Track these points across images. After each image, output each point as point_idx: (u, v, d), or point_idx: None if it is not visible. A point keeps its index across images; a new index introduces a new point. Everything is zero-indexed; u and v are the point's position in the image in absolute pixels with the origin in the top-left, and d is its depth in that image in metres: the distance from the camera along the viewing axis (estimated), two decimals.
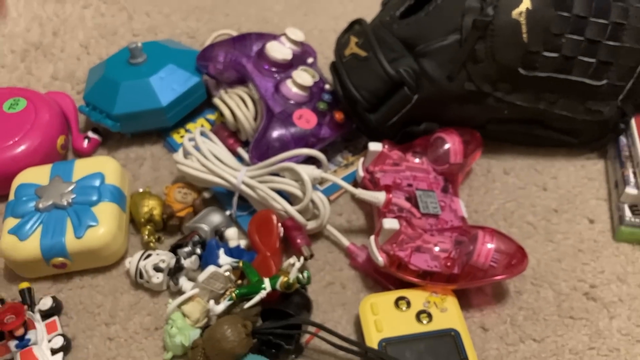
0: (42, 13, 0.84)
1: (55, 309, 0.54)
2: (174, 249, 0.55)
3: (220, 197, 0.62)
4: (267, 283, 0.50)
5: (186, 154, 0.61)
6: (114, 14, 0.84)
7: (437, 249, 0.53)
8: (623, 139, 0.63)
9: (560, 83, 0.59)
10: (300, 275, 0.52)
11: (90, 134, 0.67)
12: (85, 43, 0.80)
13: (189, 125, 0.69)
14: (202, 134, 0.62)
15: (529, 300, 0.55)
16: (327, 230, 0.59)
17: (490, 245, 0.52)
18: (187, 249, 0.55)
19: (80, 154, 0.67)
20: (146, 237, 0.58)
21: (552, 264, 0.58)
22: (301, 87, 0.62)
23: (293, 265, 0.52)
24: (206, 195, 0.61)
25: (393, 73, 0.59)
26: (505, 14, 0.56)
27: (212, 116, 0.70)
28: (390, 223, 0.52)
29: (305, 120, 0.60)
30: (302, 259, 0.53)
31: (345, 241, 0.58)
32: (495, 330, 0.54)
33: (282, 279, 0.50)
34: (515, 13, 0.56)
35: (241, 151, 0.64)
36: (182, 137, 0.67)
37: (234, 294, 0.50)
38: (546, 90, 0.59)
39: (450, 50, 0.57)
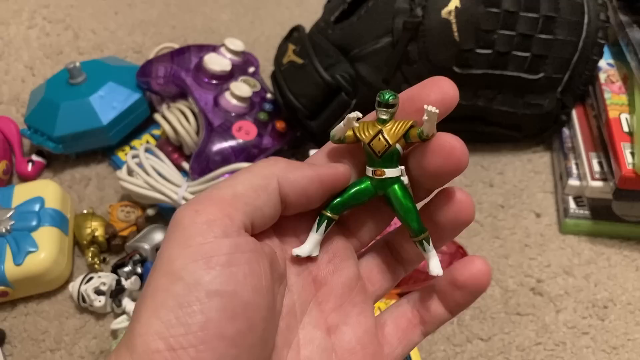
0: None
1: None
2: (115, 269, 0.55)
3: (165, 213, 0.61)
4: None
5: (130, 172, 0.60)
6: (59, 33, 0.83)
7: None
8: (566, 131, 0.63)
9: (497, 79, 0.59)
10: None
11: (34, 157, 0.67)
12: (31, 64, 0.79)
13: (134, 142, 0.68)
14: (148, 150, 0.61)
15: None
16: None
17: None
18: (128, 268, 0.54)
19: (25, 178, 0.66)
20: (90, 259, 0.57)
21: (499, 261, 0.58)
22: (240, 98, 0.61)
23: None
24: (150, 212, 0.60)
25: (329, 79, 0.58)
26: (434, 14, 0.56)
27: (157, 131, 0.69)
28: None
29: (245, 132, 0.60)
30: None
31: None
32: (442, 332, 0.53)
33: None
34: (444, 12, 0.56)
35: (186, 165, 0.64)
36: (127, 154, 0.67)
37: None
38: (483, 87, 0.59)
39: (384, 53, 0.57)
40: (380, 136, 0.27)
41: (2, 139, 0.66)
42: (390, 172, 0.28)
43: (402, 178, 0.28)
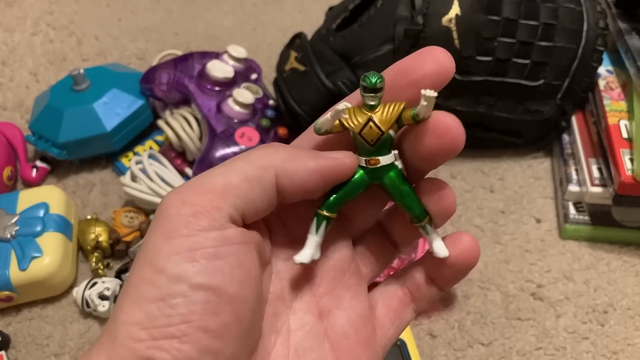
0: None
1: (2, 343, 0.53)
2: (118, 274, 0.55)
3: None
4: None
5: (134, 177, 0.61)
6: (63, 40, 0.84)
7: None
8: (566, 137, 0.64)
9: (497, 85, 0.59)
10: None
11: (39, 163, 0.67)
12: (35, 71, 0.80)
13: (138, 148, 0.69)
14: (151, 156, 0.62)
15: (477, 304, 0.56)
16: None
17: None
18: None
19: (29, 183, 0.67)
20: (94, 264, 0.58)
21: (500, 266, 0.58)
22: (242, 105, 0.62)
23: None
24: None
25: (331, 86, 0.59)
26: (435, 22, 0.56)
27: (160, 137, 0.70)
28: None
29: (248, 138, 0.61)
30: None
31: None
32: (444, 337, 0.54)
33: None
34: (445, 20, 0.56)
35: (189, 171, 0.64)
36: (130, 160, 0.67)
37: None
38: (484, 93, 0.60)
39: (385, 60, 0.58)
40: (372, 124, 0.25)
41: (6, 145, 0.67)
42: (384, 160, 0.26)
43: (396, 163, 0.27)
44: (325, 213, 0.27)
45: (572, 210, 0.59)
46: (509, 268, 0.58)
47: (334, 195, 0.27)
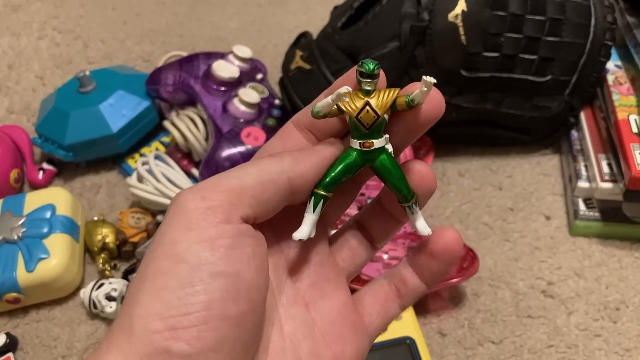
0: None
1: (10, 345, 0.53)
2: (125, 275, 0.55)
3: None
4: None
5: (140, 178, 0.61)
6: (69, 43, 0.84)
7: (385, 256, 0.52)
8: (575, 133, 0.63)
9: (504, 82, 0.59)
10: None
11: (45, 165, 0.67)
12: (41, 74, 0.80)
13: (144, 150, 0.69)
14: (157, 157, 0.62)
15: (487, 302, 0.55)
16: None
17: None
18: None
19: (36, 185, 0.67)
20: (101, 265, 0.58)
21: (509, 264, 0.58)
22: (248, 104, 0.62)
23: None
24: (160, 218, 0.61)
25: None
26: (441, 18, 0.56)
27: (166, 139, 0.70)
28: None
29: (254, 137, 0.60)
30: None
31: None
32: (453, 335, 0.53)
33: None
34: (451, 16, 0.56)
35: (195, 172, 0.64)
36: (136, 161, 0.67)
37: None
38: (491, 89, 0.59)
39: (391, 58, 0.58)
40: (368, 108, 0.26)
41: (13, 148, 0.67)
42: (378, 143, 0.27)
43: (387, 146, 0.28)
44: (322, 192, 0.28)
45: (582, 206, 0.59)
46: (519, 266, 0.57)
47: (331, 175, 0.28)
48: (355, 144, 0.28)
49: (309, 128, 0.29)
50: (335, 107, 0.27)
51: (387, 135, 0.28)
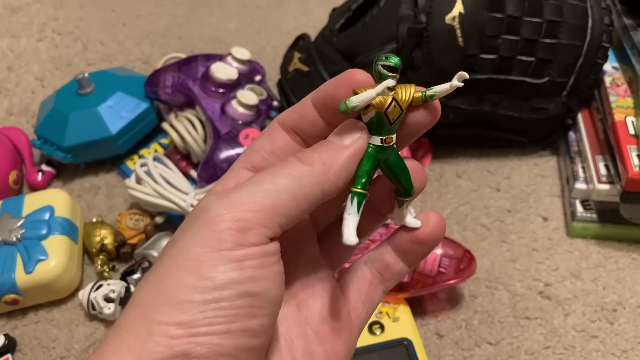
0: None
1: (9, 347, 0.53)
2: (124, 277, 0.55)
3: (174, 221, 0.62)
4: None
5: (139, 180, 0.61)
6: (68, 45, 0.84)
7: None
8: (572, 135, 0.63)
9: (502, 83, 0.59)
10: None
11: (44, 166, 0.67)
12: (40, 76, 0.80)
13: (143, 151, 0.69)
14: (156, 159, 0.62)
15: (484, 303, 0.55)
16: None
17: (437, 251, 0.52)
18: (137, 275, 0.55)
19: (35, 187, 0.67)
20: (99, 266, 0.58)
21: (507, 265, 0.58)
22: (246, 106, 0.62)
23: None
24: (158, 220, 0.61)
25: None
26: (438, 20, 0.56)
27: (165, 140, 0.70)
28: None
29: (252, 139, 0.60)
30: None
31: None
32: (451, 336, 0.53)
33: None
34: (448, 18, 0.56)
35: (194, 173, 0.64)
36: (135, 163, 0.67)
37: None
38: (488, 91, 0.60)
39: None
40: (395, 103, 0.26)
41: (12, 149, 0.67)
42: (395, 138, 0.27)
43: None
44: (362, 190, 0.27)
45: (579, 208, 0.59)
46: (516, 267, 0.57)
47: (369, 173, 0.27)
48: (376, 140, 0.27)
49: (295, 130, 0.28)
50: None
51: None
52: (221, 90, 0.64)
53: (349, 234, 0.27)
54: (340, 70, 0.59)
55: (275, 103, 0.66)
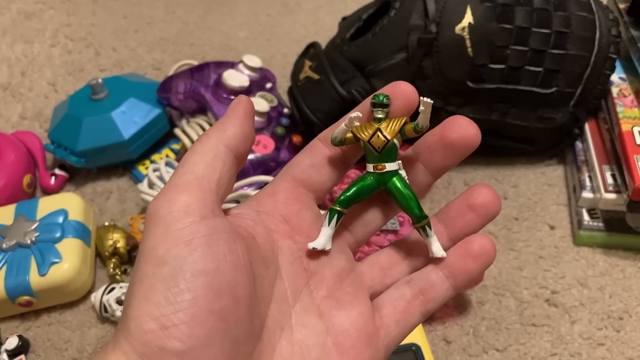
0: (11, 55, 0.86)
1: (22, 348, 0.54)
2: None
3: None
4: None
5: (151, 184, 0.62)
6: (80, 51, 0.85)
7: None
8: (579, 144, 0.64)
9: (510, 93, 0.60)
10: None
11: (57, 170, 0.68)
12: (53, 81, 0.81)
13: (154, 156, 0.70)
14: (168, 164, 0.63)
15: (491, 310, 0.56)
16: None
17: None
18: None
19: (48, 191, 0.68)
20: (111, 270, 0.59)
21: (514, 272, 0.58)
22: (258, 113, 0.63)
23: None
24: None
25: (345, 94, 0.60)
26: (448, 30, 0.57)
27: (177, 146, 0.71)
28: None
29: (263, 145, 0.61)
30: None
31: None
32: (458, 342, 0.54)
33: None
34: (458, 29, 0.57)
35: None
36: (147, 168, 0.68)
37: None
38: (497, 101, 0.60)
39: (399, 69, 0.59)
40: (379, 133, 0.29)
41: (26, 154, 0.68)
42: (390, 166, 0.30)
43: (400, 171, 0.31)
44: (337, 208, 0.31)
45: (586, 216, 0.60)
46: (523, 274, 0.58)
47: (346, 194, 0.31)
48: (370, 167, 0.31)
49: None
50: (351, 134, 0.30)
51: (399, 162, 0.31)
52: (233, 97, 0.65)
53: (315, 241, 0.31)
54: (350, 78, 0.60)
55: (285, 110, 0.67)
